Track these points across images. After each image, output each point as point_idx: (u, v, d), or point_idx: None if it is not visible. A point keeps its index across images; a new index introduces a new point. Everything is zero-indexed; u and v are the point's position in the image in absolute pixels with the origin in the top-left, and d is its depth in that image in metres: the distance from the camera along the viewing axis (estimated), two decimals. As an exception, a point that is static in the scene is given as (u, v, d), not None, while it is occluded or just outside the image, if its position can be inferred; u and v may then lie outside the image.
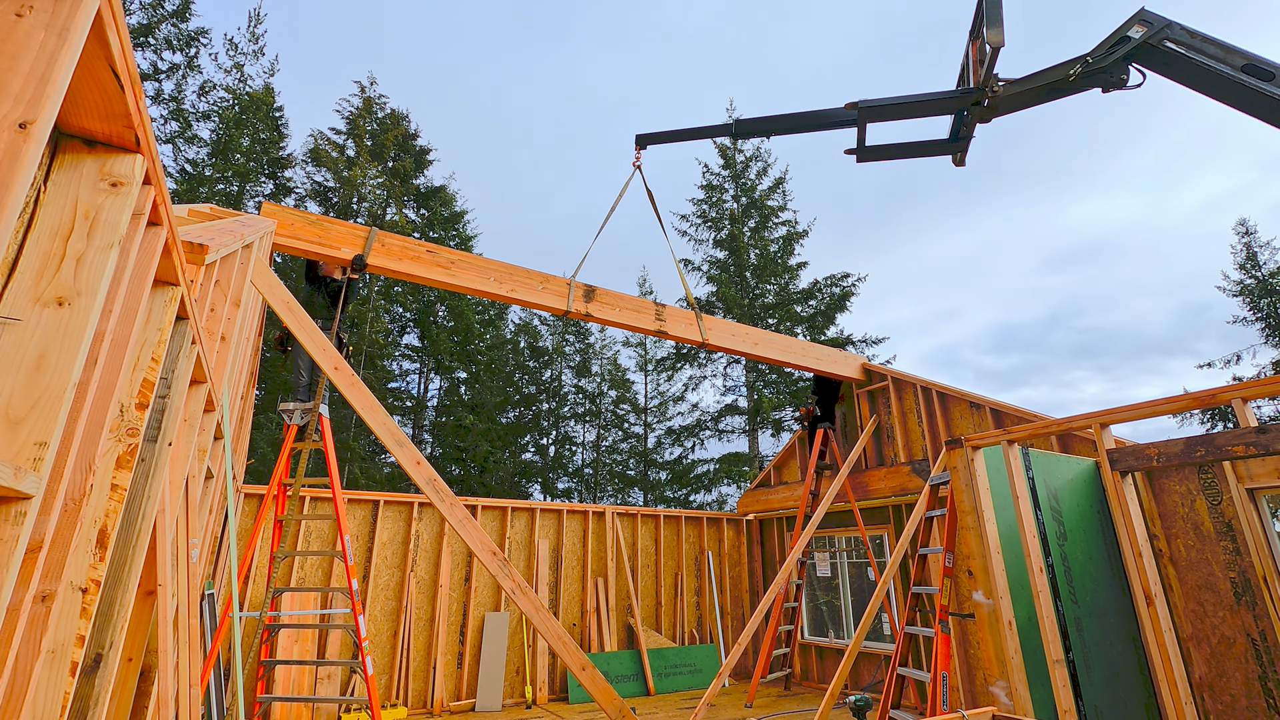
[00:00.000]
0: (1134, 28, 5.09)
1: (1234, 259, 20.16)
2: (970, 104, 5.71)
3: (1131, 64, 5.16)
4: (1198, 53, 4.82)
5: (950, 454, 5.12)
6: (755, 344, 8.20)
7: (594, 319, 6.92)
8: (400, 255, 5.89)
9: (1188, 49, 4.87)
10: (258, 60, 19.76)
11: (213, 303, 2.96)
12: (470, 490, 20.16)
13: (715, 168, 23.48)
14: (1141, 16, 5.09)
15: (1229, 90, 4.69)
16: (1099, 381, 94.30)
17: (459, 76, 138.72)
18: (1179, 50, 4.90)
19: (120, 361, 1.57)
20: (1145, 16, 5.08)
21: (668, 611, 9.91)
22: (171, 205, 1.94)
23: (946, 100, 5.82)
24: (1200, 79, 4.84)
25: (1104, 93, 5.35)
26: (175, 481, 2.50)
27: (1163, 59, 5.00)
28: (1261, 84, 4.53)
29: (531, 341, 25.53)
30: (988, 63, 5.42)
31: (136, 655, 2.33)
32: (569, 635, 4.85)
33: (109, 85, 1.24)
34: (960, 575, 6.62)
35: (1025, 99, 5.62)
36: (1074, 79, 5.31)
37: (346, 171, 19.68)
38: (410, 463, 4.70)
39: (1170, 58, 4.95)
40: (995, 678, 4.42)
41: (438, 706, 7.63)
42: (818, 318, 20.74)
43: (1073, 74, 5.29)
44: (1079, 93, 5.45)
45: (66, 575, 1.39)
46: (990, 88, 5.53)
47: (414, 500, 8.26)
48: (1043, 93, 5.54)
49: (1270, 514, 4.83)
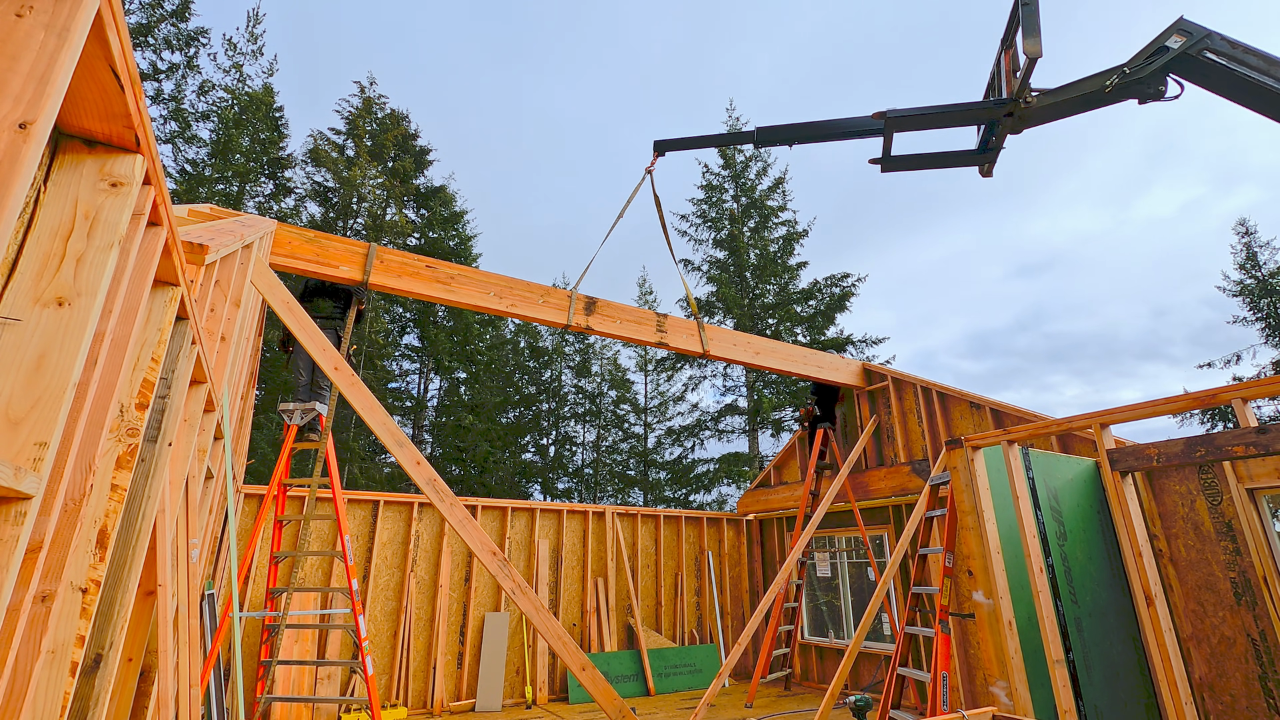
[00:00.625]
0: (1172, 37, 4.91)
1: (1234, 259, 20.17)
2: (1002, 115, 5.56)
3: (1169, 75, 4.97)
4: (1239, 64, 4.64)
5: (950, 454, 5.12)
6: (756, 353, 8.21)
7: (595, 332, 6.91)
8: (399, 271, 5.88)
9: (1229, 60, 4.69)
10: (257, 60, 19.75)
11: (213, 303, 2.96)
12: (470, 490, 20.16)
13: (715, 168, 23.48)
14: (1180, 26, 4.91)
15: (1272, 103, 4.52)
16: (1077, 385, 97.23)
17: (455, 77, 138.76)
18: (1220, 61, 4.72)
19: (120, 362, 1.57)
20: (1184, 26, 4.90)
21: (668, 612, 9.91)
22: (171, 205, 1.94)
23: (978, 111, 5.67)
24: (1241, 91, 4.66)
25: (1140, 104, 5.19)
26: (175, 481, 2.50)
27: (1202, 70, 4.82)
28: None
29: (531, 341, 25.54)
30: (1023, 73, 5.25)
31: (136, 655, 2.33)
32: (569, 635, 4.84)
33: (109, 85, 1.24)
34: (960, 575, 6.63)
35: (1059, 110, 5.46)
36: (1110, 90, 5.14)
37: (346, 172, 19.68)
38: (410, 463, 4.70)
39: (1210, 69, 4.77)
40: (995, 678, 4.42)
41: (438, 706, 7.63)
42: (817, 318, 20.73)
43: (1109, 84, 5.12)
44: (1115, 103, 5.28)
45: (66, 575, 1.39)
46: (1024, 99, 5.37)
47: (414, 500, 8.26)
48: (1078, 104, 5.38)
49: (1270, 514, 4.83)
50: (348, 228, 19.81)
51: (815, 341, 20.26)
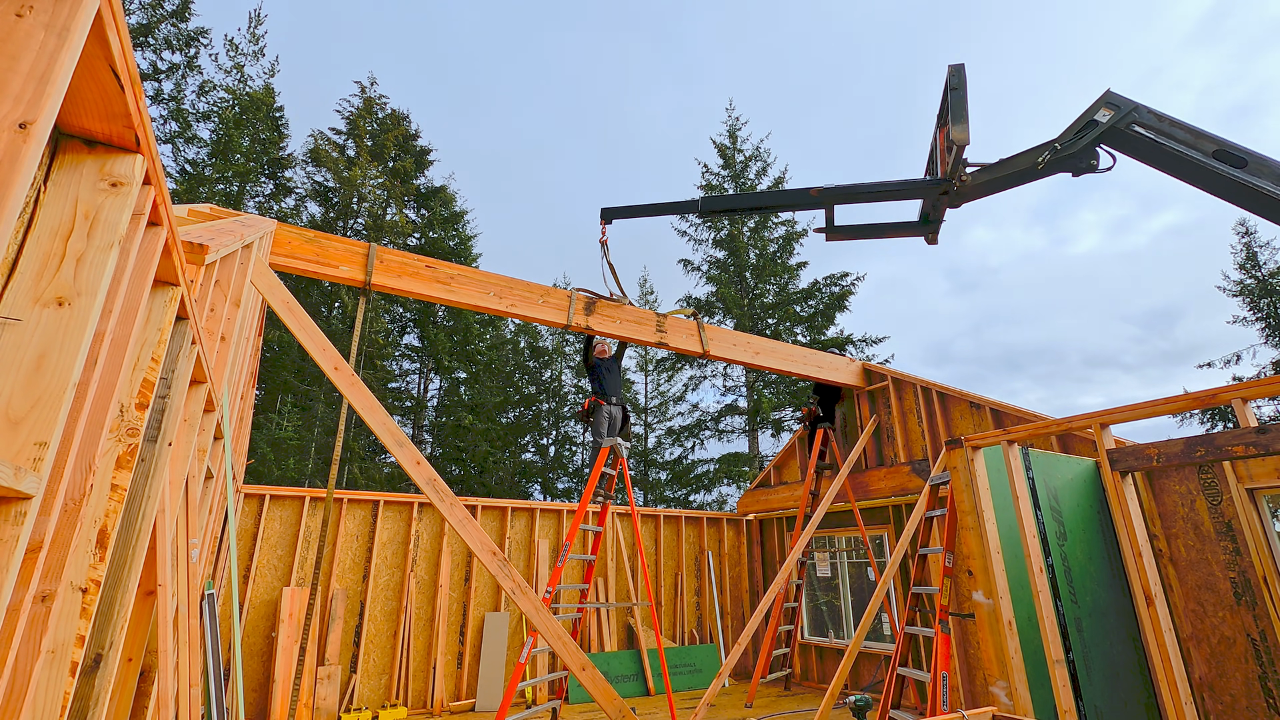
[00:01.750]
0: (1100, 110, 4.95)
1: (1234, 259, 20.16)
2: (940, 193, 5.68)
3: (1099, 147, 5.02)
4: (1166, 137, 4.68)
5: (950, 454, 5.12)
6: (756, 353, 8.21)
7: (595, 332, 6.91)
8: (399, 271, 5.88)
9: (1156, 133, 4.72)
10: (258, 60, 19.75)
11: (213, 303, 2.96)
12: (470, 490, 20.15)
13: (715, 167, 23.49)
14: (1108, 99, 4.94)
15: (1199, 175, 4.55)
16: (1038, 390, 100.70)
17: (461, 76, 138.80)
18: (1147, 135, 4.75)
19: (120, 362, 1.57)
20: (1111, 99, 4.93)
21: (668, 611, 9.91)
22: (171, 205, 1.94)
23: (912, 188, 5.82)
24: (1169, 163, 4.69)
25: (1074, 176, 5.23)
26: (175, 481, 2.50)
27: (1131, 143, 4.86)
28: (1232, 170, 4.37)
29: (531, 341, 25.54)
30: (954, 156, 5.38)
31: (136, 655, 2.33)
32: (569, 635, 4.85)
33: (109, 85, 1.24)
34: (960, 575, 6.63)
35: (993, 186, 5.56)
36: (1043, 165, 5.19)
37: (346, 172, 19.68)
38: (410, 463, 4.70)
39: (1138, 142, 4.81)
40: (995, 678, 4.42)
41: (437, 706, 7.63)
42: (817, 318, 20.72)
43: (1041, 161, 5.17)
44: (1048, 177, 5.34)
45: (66, 575, 1.39)
46: (958, 177, 5.50)
47: (414, 500, 8.26)
48: (1012, 179, 5.46)
49: (1270, 514, 4.84)
50: (348, 228, 19.81)
51: (815, 341, 20.25)
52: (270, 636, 7.02)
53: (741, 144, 23.52)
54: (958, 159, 5.41)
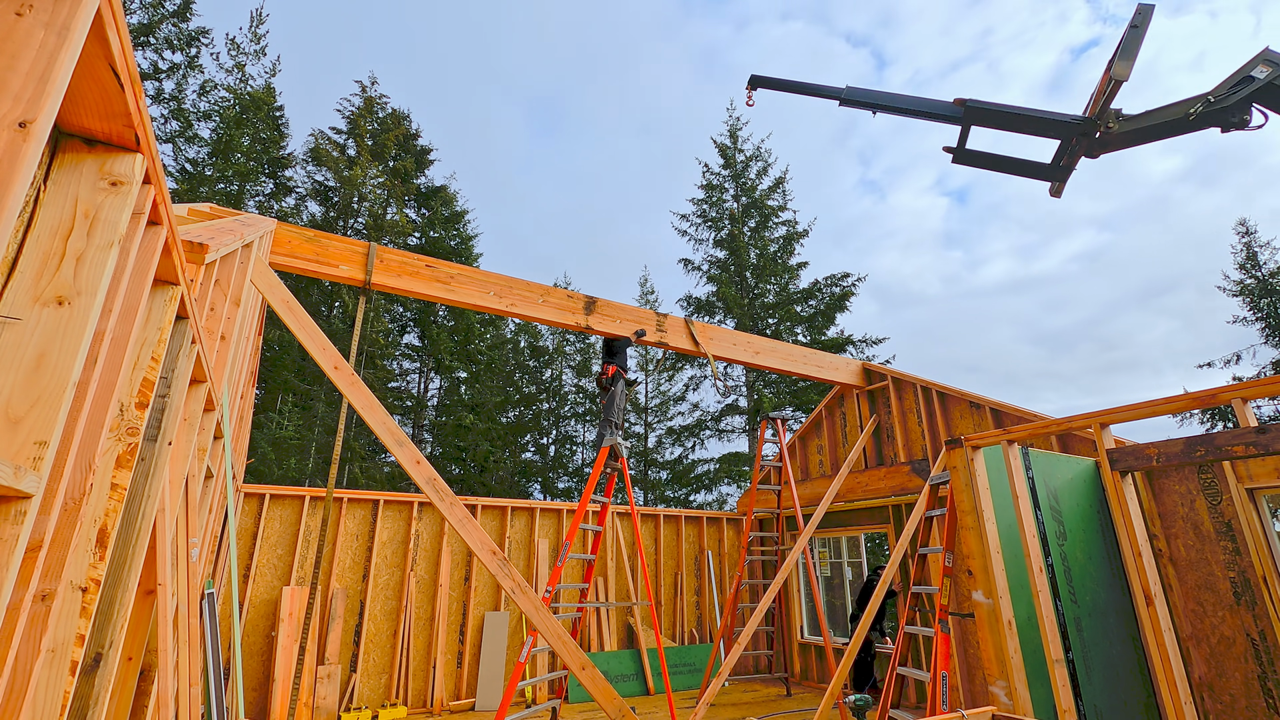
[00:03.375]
0: (1258, 67, 4.85)
1: (1234, 259, 20.15)
2: (1080, 134, 5.52)
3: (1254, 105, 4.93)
4: None
5: (950, 454, 5.12)
6: (756, 353, 8.22)
7: (595, 331, 6.91)
8: (400, 271, 5.89)
9: None
10: (259, 60, 19.75)
11: (213, 302, 2.96)
12: (470, 490, 20.15)
13: (715, 167, 23.48)
14: (1266, 56, 4.85)
15: None
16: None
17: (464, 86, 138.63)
18: None
19: (120, 361, 1.57)
20: (1270, 56, 4.84)
21: (667, 611, 9.91)
22: (171, 204, 1.94)
23: (1058, 123, 5.62)
24: None
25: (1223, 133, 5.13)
26: (175, 481, 2.50)
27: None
28: None
29: (532, 341, 25.54)
30: (1108, 95, 5.24)
31: (136, 655, 2.33)
32: (568, 634, 4.85)
33: (109, 84, 1.24)
34: (960, 575, 6.63)
35: (1141, 135, 5.44)
36: (1194, 118, 5.10)
37: (347, 171, 19.67)
38: (410, 462, 4.70)
39: None
40: (995, 677, 4.42)
41: (437, 706, 7.63)
42: (818, 318, 20.71)
43: (1193, 113, 5.08)
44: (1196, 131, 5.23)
45: (66, 574, 1.39)
46: (1106, 121, 5.37)
47: (414, 500, 8.26)
48: (1160, 130, 5.35)
49: (1270, 514, 4.84)
50: (348, 227, 19.80)
51: (815, 341, 20.24)
52: (270, 636, 7.03)
53: (742, 144, 23.51)
54: (1111, 97, 5.24)
